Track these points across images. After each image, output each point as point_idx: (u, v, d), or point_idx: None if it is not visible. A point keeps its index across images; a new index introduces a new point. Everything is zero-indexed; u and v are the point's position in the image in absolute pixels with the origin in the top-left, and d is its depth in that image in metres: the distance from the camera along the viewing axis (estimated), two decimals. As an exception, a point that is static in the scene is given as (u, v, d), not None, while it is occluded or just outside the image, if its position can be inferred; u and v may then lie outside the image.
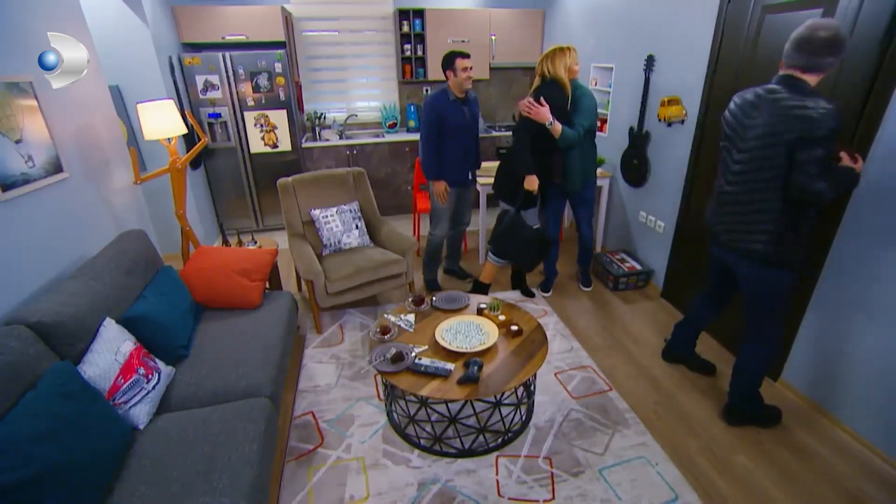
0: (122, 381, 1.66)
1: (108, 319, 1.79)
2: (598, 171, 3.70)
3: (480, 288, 3.21)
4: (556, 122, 2.67)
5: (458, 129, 2.97)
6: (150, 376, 1.76)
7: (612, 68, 3.70)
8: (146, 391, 1.72)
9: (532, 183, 2.75)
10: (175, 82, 3.78)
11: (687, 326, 2.51)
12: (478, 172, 3.80)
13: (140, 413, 1.68)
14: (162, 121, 2.64)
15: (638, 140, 3.40)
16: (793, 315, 2.27)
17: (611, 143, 3.82)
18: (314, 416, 2.27)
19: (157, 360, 1.87)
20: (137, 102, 2.64)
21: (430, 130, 2.95)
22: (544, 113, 2.63)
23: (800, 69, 1.68)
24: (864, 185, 1.87)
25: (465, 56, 2.86)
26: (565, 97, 2.72)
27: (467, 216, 3.41)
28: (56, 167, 2.05)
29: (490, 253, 3.05)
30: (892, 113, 1.80)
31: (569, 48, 2.71)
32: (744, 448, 2.06)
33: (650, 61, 3.18)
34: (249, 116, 4.16)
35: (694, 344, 2.55)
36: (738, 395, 2.17)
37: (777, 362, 2.39)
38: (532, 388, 2.25)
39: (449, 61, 2.88)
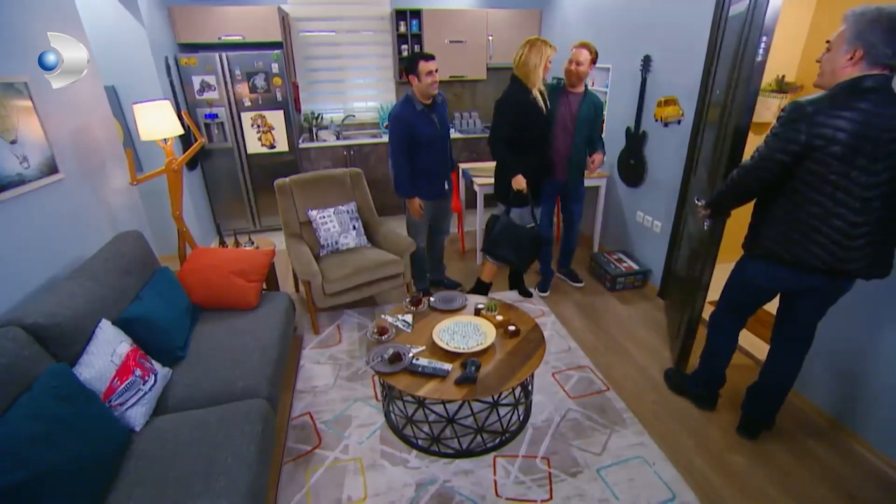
0: (119, 382, 1.65)
1: (104, 321, 1.78)
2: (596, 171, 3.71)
3: (482, 287, 3.21)
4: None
5: (429, 142, 2.79)
6: (146, 378, 1.75)
7: (608, 69, 3.71)
8: (143, 393, 1.72)
9: (519, 182, 2.68)
10: (171, 83, 3.77)
11: (720, 372, 2.21)
12: (474, 172, 3.78)
13: (136, 415, 1.67)
14: (158, 121, 2.63)
15: (635, 140, 3.41)
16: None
17: (608, 144, 3.79)
18: (312, 416, 2.26)
19: (153, 361, 1.86)
20: (133, 103, 2.63)
21: (399, 147, 2.76)
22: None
23: (890, 68, 1.44)
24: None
25: (430, 58, 2.62)
26: (531, 101, 2.63)
27: (445, 225, 3.30)
28: (51, 168, 2.05)
29: (486, 254, 3.04)
30: None
31: (543, 42, 2.57)
32: (741, 448, 2.06)
33: (647, 61, 3.19)
34: (246, 117, 4.15)
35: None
36: (772, 412, 2.09)
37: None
38: (530, 388, 2.25)
39: (411, 65, 2.62)
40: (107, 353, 1.68)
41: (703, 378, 2.25)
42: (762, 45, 1.84)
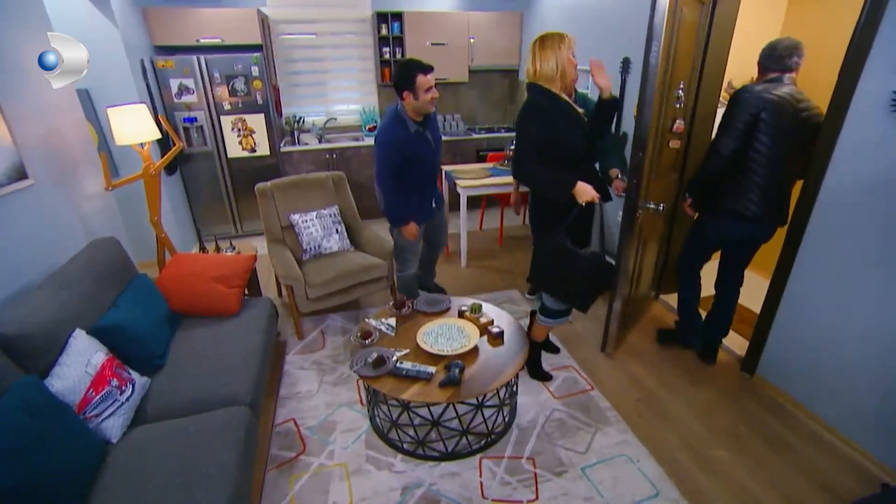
0: (94, 393, 1.61)
1: (77, 330, 1.73)
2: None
3: (545, 347, 2.68)
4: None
5: (422, 161, 2.53)
6: (123, 388, 1.71)
7: (588, 71, 3.74)
8: (119, 403, 1.67)
9: (586, 191, 1.95)
10: (148, 86, 3.70)
11: (694, 309, 2.63)
12: (457, 174, 3.76)
13: (113, 426, 1.63)
14: (134, 125, 2.58)
15: (615, 141, 3.44)
16: (767, 309, 2.34)
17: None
18: (296, 422, 2.24)
19: (131, 370, 1.81)
20: (107, 106, 2.57)
21: (391, 173, 2.41)
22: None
23: (785, 71, 2.12)
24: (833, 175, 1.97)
25: (429, 70, 2.23)
26: (564, 107, 2.01)
27: (443, 238, 3.11)
28: (20, 173, 1.98)
29: (539, 314, 2.38)
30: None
31: (552, 36, 1.97)
32: (722, 442, 2.10)
33: (626, 63, 3.23)
34: (226, 120, 4.10)
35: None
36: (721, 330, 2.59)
37: (753, 357, 2.46)
38: (514, 389, 2.25)
39: (408, 80, 2.20)
40: (81, 363, 1.64)
41: (685, 320, 2.66)
42: (653, 49, 2.02)
